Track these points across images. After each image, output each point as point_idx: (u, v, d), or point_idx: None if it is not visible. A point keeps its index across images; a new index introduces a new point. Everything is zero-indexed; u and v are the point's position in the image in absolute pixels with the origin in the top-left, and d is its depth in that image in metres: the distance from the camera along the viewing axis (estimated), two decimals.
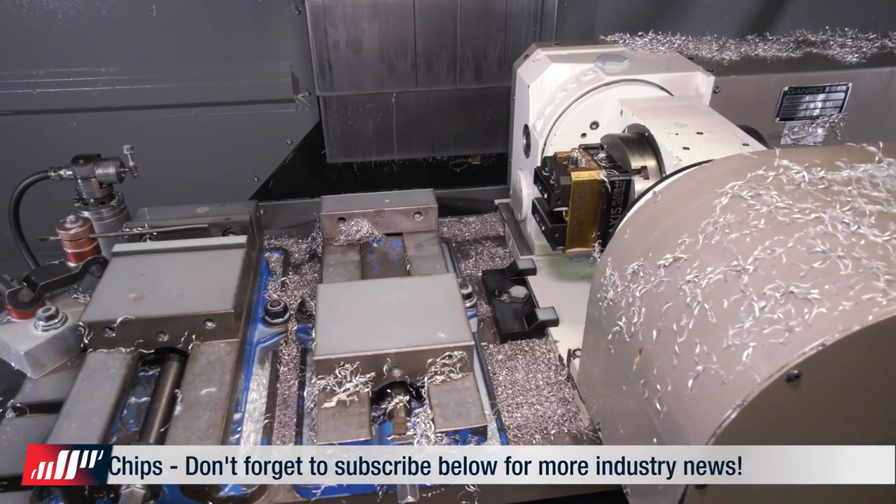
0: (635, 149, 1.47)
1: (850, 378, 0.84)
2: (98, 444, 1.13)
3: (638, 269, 1.10)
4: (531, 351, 1.61)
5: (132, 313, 1.39)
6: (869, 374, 0.84)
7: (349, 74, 2.71)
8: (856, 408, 0.87)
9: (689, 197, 1.11)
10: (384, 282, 1.53)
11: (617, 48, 1.86)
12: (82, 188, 1.80)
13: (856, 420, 0.88)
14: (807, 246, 0.91)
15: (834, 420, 0.88)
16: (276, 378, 1.53)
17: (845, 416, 0.88)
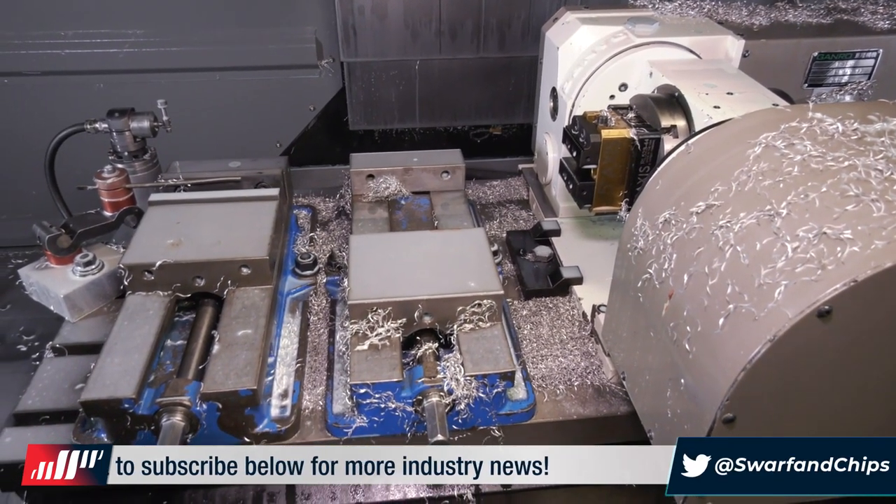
0: (665, 108, 1.49)
1: (881, 316, 0.86)
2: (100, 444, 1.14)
3: (670, 218, 1.12)
4: (555, 308, 1.65)
5: (170, 258, 1.43)
6: None
7: (373, 41, 2.73)
8: (885, 347, 0.90)
9: (723, 148, 1.13)
10: (415, 234, 1.57)
11: (646, 12, 1.86)
12: (116, 141, 1.84)
13: (885, 360, 0.91)
14: (840, 191, 0.93)
15: (863, 359, 0.91)
16: (306, 326, 1.57)
17: (875, 356, 0.91)
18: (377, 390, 1.26)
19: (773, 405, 0.94)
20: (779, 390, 0.92)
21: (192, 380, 1.30)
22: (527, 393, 1.39)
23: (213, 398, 1.24)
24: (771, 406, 0.94)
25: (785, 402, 0.93)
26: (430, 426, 1.22)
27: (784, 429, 0.96)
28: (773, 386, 0.91)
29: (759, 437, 0.79)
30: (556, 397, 1.41)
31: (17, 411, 1.37)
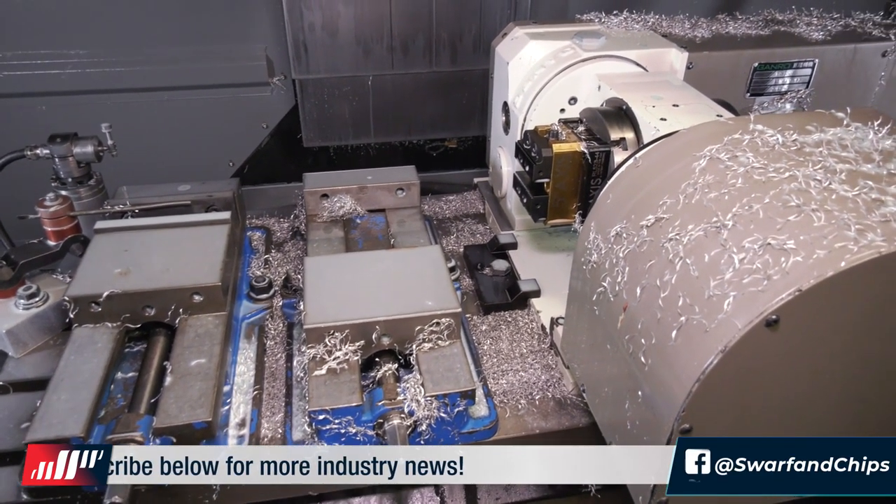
0: (614, 121, 1.51)
1: (826, 322, 0.89)
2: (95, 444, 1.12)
3: (621, 231, 1.14)
4: (514, 321, 1.65)
5: (118, 287, 1.38)
6: (843, 319, 0.89)
7: (325, 57, 2.71)
8: (832, 352, 0.92)
9: (669, 161, 1.15)
10: (370, 254, 1.55)
11: (593, 26, 1.90)
12: (60, 167, 1.78)
13: (833, 364, 0.94)
14: (782, 201, 0.95)
15: (812, 364, 0.93)
16: (263, 352, 1.54)
17: (823, 360, 0.93)
18: (336, 416, 1.24)
19: (729, 413, 0.95)
20: (733, 398, 0.93)
21: (144, 414, 1.26)
22: (489, 409, 1.38)
23: (167, 432, 1.20)
24: (726, 414, 0.96)
25: (740, 409, 0.95)
26: (389, 435, 1.21)
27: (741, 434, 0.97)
28: (727, 395, 0.93)
29: (759, 437, 0.79)
30: (518, 412, 1.41)
31: None
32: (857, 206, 0.91)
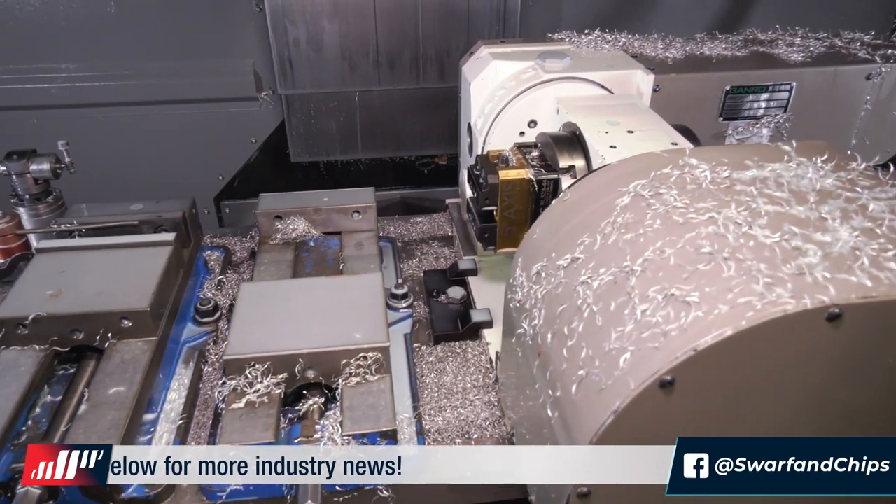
0: (565, 147, 1.44)
1: (727, 384, 0.80)
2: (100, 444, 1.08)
3: (541, 270, 1.07)
4: (463, 353, 1.58)
5: (45, 310, 1.35)
6: (745, 380, 0.80)
7: (310, 73, 2.69)
8: (734, 411, 0.84)
9: (595, 196, 1.07)
10: (307, 281, 1.50)
11: (562, 46, 1.83)
12: (17, 184, 1.77)
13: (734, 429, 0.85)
14: (695, 247, 0.87)
15: (713, 428, 0.85)
16: (198, 378, 1.50)
17: (725, 425, 0.85)
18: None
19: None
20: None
21: (57, 443, 1.22)
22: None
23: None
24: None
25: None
26: (300, 491, 1.15)
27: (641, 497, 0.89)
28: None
29: (759, 437, 0.77)
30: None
31: None
32: (773, 255, 0.83)
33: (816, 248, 0.83)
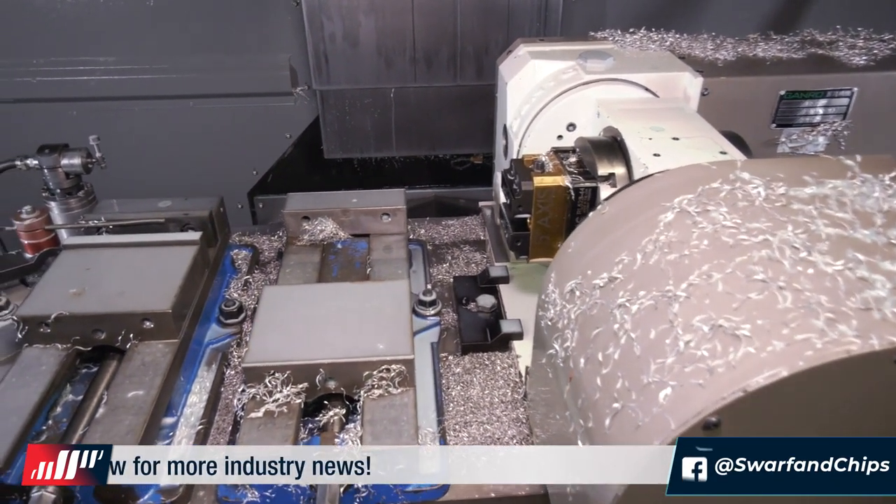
0: (605, 154, 1.36)
1: (778, 427, 0.73)
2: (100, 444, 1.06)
3: (576, 288, 1.00)
4: (491, 365, 1.52)
5: (68, 309, 1.34)
6: (800, 426, 0.72)
7: (346, 68, 2.65)
8: None
9: (636, 210, 1.00)
10: (331, 286, 1.46)
11: (605, 45, 1.74)
12: (49, 178, 1.76)
13: None
14: (746, 273, 0.80)
15: None
16: (220, 381, 1.47)
17: None
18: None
19: None
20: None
21: None
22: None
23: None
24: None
25: None
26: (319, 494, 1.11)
27: None
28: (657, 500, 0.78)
29: (758, 437, 0.74)
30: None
31: None
32: (835, 286, 0.75)
33: (884, 280, 0.74)
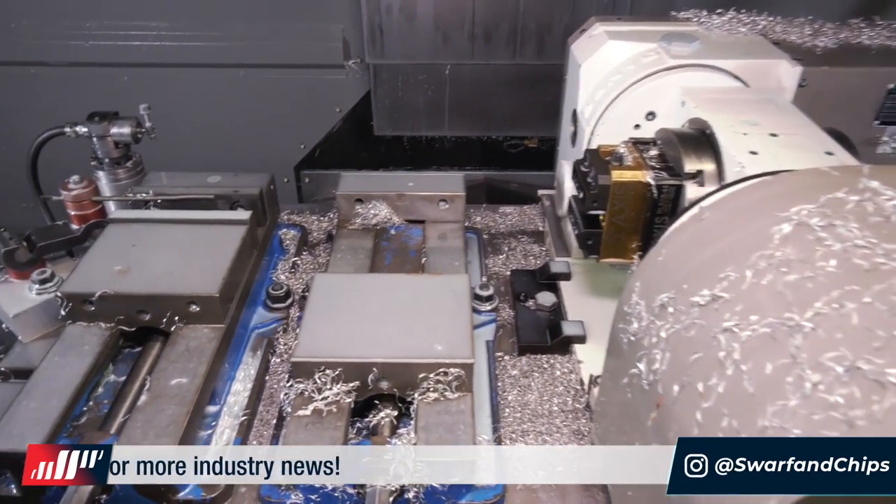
0: (692, 148, 1.24)
1: None
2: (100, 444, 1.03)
3: (668, 303, 0.89)
4: (550, 369, 1.42)
5: (112, 288, 1.28)
6: None
7: (401, 42, 2.55)
8: None
9: (743, 218, 0.88)
10: (387, 277, 1.37)
11: (690, 26, 1.60)
12: (98, 147, 1.71)
13: None
14: (889, 305, 0.68)
15: None
16: (265, 370, 1.41)
17: None
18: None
19: None
20: None
21: (112, 433, 1.15)
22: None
23: None
24: None
25: None
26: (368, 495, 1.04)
27: None
28: None
29: (758, 437, 0.72)
30: (532, 486, 1.19)
31: None
32: None
33: None
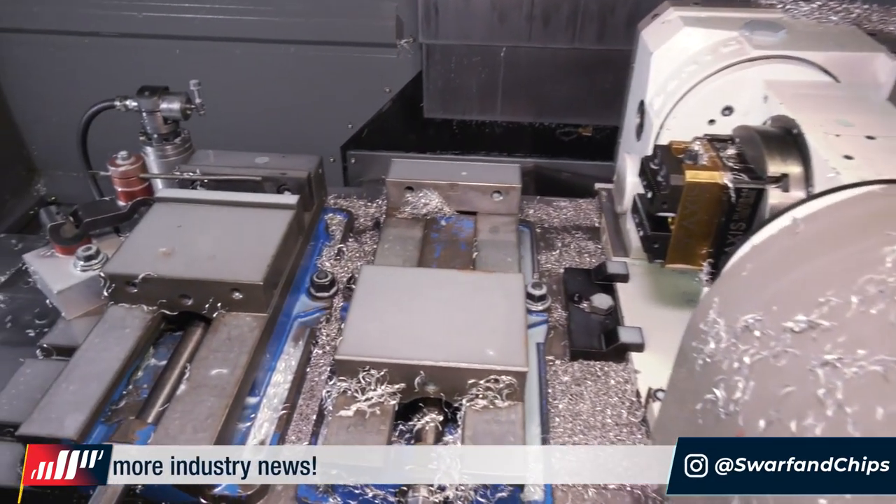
0: (776, 149, 1.13)
1: None
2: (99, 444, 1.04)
3: (753, 325, 0.80)
4: (605, 377, 1.34)
5: (156, 270, 1.25)
6: None
7: (457, 22, 2.46)
8: None
9: (847, 235, 0.78)
10: (438, 273, 1.30)
11: (775, 14, 1.48)
12: (147, 122, 1.68)
13: None
14: None
15: None
16: (306, 361, 1.36)
17: None
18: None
19: None
20: None
21: (150, 423, 1.12)
22: (544, 494, 1.10)
23: None
24: None
25: None
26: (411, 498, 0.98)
27: None
28: None
29: (759, 437, 0.73)
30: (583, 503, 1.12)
31: None
32: None
33: None
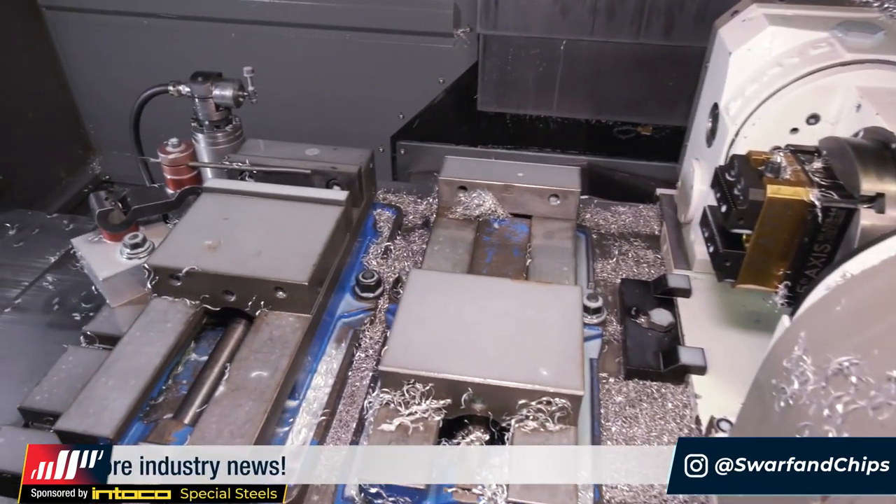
0: (871, 164, 1.02)
1: None
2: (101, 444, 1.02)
3: (849, 368, 0.71)
4: (661, 399, 1.26)
5: (200, 265, 1.22)
6: None
7: (516, 13, 2.38)
8: None
9: None
10: (490, 281, 1.23)
11: (870, 13, 1.35)
12: (199, 108, 1.65)
13: None
14: None
15: None
16: (348, 365, 1.32)
17: None
18: (391, 493, 0.98)
19: None
20: None
21: (187, 424, 1.09)
22: None
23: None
24: None
25: None
26: None
27: None
28: None
29: (759, 437, 0.75)
30: None
31: (24, 406, 1.24)
32: None
33: None
